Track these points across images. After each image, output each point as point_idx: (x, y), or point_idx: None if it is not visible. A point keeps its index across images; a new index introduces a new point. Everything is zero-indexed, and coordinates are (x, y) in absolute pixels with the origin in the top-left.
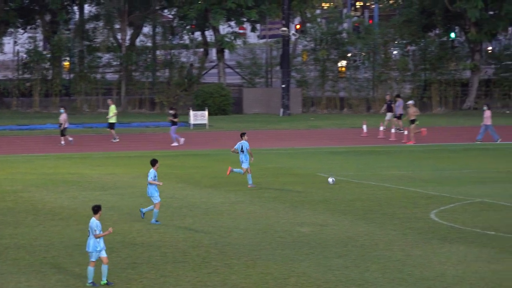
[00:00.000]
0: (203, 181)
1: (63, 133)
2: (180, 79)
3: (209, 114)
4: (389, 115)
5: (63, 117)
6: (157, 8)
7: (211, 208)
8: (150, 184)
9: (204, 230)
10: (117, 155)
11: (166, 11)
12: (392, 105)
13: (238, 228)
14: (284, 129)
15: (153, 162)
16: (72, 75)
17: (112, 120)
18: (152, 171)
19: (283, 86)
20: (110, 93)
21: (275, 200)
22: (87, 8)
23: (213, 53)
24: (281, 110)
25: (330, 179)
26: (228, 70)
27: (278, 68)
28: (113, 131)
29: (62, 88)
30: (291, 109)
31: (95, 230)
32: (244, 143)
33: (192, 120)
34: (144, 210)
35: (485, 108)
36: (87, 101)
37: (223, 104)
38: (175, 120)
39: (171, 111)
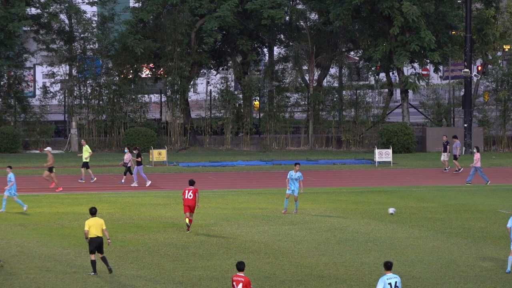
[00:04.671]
0: (388, 216)
1: (127, 172)
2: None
3: (393, 152)
4: (444, 155)
5: (127, 156)
6: (344, 50)
7: (396, 243)
8: None
9: None
10: (305, 191)
11: (352, 53)
12: (448, 145)
13: (422, 262)
14: (465, 167)
15: None
16: (261, 114)
17: (86, 159)
18: None
19: (465, 125)
20: (298, 131)
21: (458, 235)
22: (276, 50)
23: (397, 93)
24: (463, 148)
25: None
26: (411, 109)
27: (460, 108)
28: (83, 170)
29: (252, 127)
30: (473, 148)
31: None
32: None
33: (377, 158)
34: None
35: (474, 150)
36: (275, 139)
37: (407, 143)
38: (139, 159)
39: (135, 151)
